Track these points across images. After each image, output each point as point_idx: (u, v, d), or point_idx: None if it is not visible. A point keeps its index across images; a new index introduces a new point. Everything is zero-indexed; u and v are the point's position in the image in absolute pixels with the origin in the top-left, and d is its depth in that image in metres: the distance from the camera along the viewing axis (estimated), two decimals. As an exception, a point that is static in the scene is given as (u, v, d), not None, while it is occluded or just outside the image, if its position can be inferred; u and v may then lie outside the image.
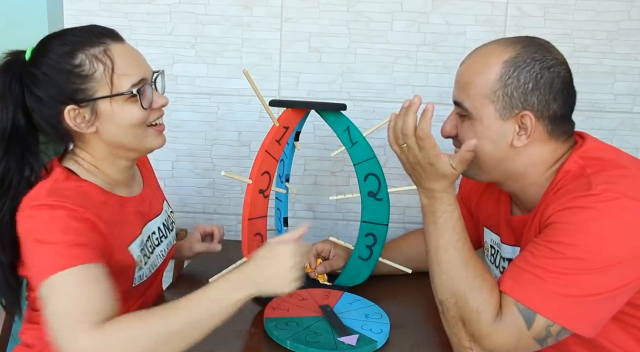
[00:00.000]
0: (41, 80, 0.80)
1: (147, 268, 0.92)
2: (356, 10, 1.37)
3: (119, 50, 0.82)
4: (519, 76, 0.80)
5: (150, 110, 0.85)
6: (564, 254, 0.71)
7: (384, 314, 0.92)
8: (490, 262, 1.05)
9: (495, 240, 1.01)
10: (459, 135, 0.87)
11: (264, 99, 0.91)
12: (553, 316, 0.71)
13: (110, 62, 0.80)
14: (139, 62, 0.85)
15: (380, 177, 1.02)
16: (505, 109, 0.81)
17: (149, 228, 0.95)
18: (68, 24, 1.39)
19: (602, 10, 1.34)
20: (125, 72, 0.81)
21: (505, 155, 0.84)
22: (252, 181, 0.91)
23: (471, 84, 0.83)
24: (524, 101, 0.80)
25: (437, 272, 0.81)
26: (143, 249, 0.91)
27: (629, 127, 1.39)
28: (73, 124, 0.81)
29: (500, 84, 0.81)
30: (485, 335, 0.74)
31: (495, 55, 0.82)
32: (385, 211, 1.03)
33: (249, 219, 0.91)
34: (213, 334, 0.85)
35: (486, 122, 0.82)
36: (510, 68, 0.80)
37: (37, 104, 0.80)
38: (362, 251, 1.06)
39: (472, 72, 0.84)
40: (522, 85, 0.80)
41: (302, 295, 0.98)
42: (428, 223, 0.84)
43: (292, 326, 0.85)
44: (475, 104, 0.83)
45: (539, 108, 0.80)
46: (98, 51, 0.80)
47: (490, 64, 0.82)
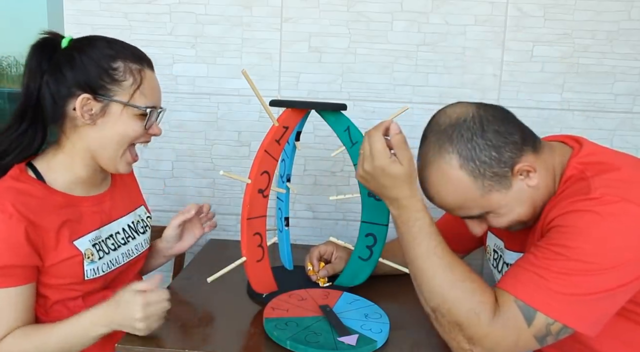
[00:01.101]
0: (76, 65, 0.88)
1: (102, 263, 0.96)
2: (356, 10, 1.37)
3: (150, 76, 0.95)
4: (480, 159, 0.79)
5: (144, 134, 0.95)
6: (567, 256, 0.72)
7: (384, 313, 0.92)
8: (492, 266, 1.05)
9: (499, 245, 1.01)
10: (492, 225, 0.87)
11: (263, 99, 0.91)
12: (553, 314, 0.71)
13: (140, 80, 0.92)
14: (158, 92, 0.98)
15: None
16: (501, 182, 0.81)
17: (110, 227, 1.02)
18: (68, 24, 1.39)
19: (602, 10, 1.34)
20: (146, 94, 0.93)
21: (534, 199, 0.83)
22: (251, 180, 0.91)
23: (460, 201, 0.83)
24: (504, 164, 0.80)
25: (424, 281, 0.80)
26: (98, 244, 0.97)
27: (629, 127, 1.39)
28: (79, 111, 0.88)
29: (479, 179, 0.80)
30: (485, 335, 0.74)
31: (447, 169, 0.81)
32: (385, 211, 1.03)
33: (247, 218, 0.91)
34: (213, 334, 0.85)
35: (502, 202, 0.82)
36: (469, 163, 0.80)
37: (57, 81, 0.88)
38: (362, 251, 1.06)
39: (448, 194, 0.83)
40: (490, 161, 0.79)
41: (302, 295, 0.98)
42: (403, 233, 0.83)
43: (292, 326, 0.85)
44: (482, 205, 0.83)
45: (515, 153, 0.80)
46: (135, 67, 0.92)
47: (451, 178, 0.81)
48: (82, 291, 0.94)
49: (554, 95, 1.39)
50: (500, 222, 0.85)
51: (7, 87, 2.22)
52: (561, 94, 1.39)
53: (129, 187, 1.13)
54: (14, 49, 1.05)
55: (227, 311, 0.95)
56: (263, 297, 0.99)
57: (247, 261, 0.93)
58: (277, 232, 1.16)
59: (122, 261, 1.02)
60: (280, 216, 1.12)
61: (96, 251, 0.96)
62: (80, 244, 0.93)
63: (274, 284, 1.00)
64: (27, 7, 1.40)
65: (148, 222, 1.13)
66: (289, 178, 1.11)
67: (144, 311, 0.81)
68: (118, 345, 0.80)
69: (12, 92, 2.34)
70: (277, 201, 1.14)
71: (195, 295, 1.03)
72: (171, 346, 0.80)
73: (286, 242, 1.14)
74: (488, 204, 0.82)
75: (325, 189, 1.47)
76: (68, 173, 0.94)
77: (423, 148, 0.86)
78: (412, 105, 1.40)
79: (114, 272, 1.00)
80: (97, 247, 0.97)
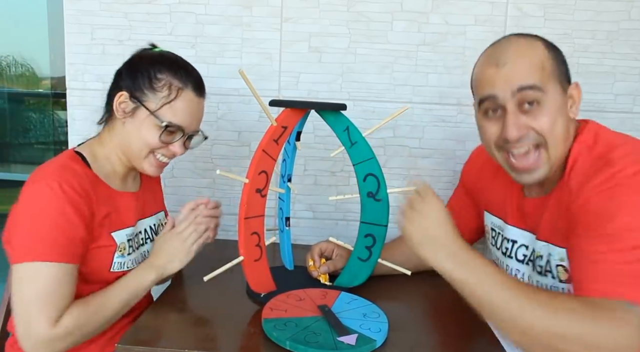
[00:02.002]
0: (133, 67, 0.97)
1: (129, 259, 0.99)
2: (356, 10, 1.37)
3: (189, 98, 0.97)
4: (556, 53, 0.86)
5: (163, 147, 0.98)
6: (624, 236, 0.72)
7: (382, 313, 0.92)
8: (491, 245, 1.06)
9: (497, 223, 1.03)
10: (535, 127, 0.84)
11: (260, 99, 0.91)
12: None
13: (174, 96, 0.95)
14: (191, 116, 0.98)
15: (380, 177, 1.02)
16: (563, 81, 0.85)
17: (142, 223, 1.06)
18: (68, 24, 1.39)
19: (602, 10, 1.34)
20: (175, 112, 0.95)
21: (570, 131, 0.86)
22: (248, 180, 0.91)
23: (531, 64, 0.83)
24: (567, 73, 0.86)
25: (524, 328, 0.71)
26: (131, 239, 1.01)
27: (629, 127, 1.39)
28: (115, 105, 0.96)
29: (552, 59, 0.84)
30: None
31: (533, 42, 0.86)
32: (385, 212, 1.03)
33: (245, 218, 0.91)
34: (212, 334, 0.85)
35: (553, 96, 0.84)
36: (549, 47, 0.86)
37: (116, 78, 0.99)
38: (361, 251, 1.06)
39: (522, 55, 0.84)
40: (561, 59, 0.86)
41: (300, 295, 0.98)
42: (473, 292, 0.77)
43: (291, 327, 0.85)
44: (544, 80, 0.83)
45: (569, 82, 0.86)
46: (176, 84, 0.95)
47: (534, 46, 0.85)
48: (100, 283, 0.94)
49: (554, 95, 1.39)
50: (543, 123, 0.83)
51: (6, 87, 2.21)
52: (561, 94, 1.39)
53: (154, 191, 1.17)
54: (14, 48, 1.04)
55: (227, 310, 0.95)
56: (261, 296, 0.99)
57: (245, 260, 0.93)
58: (279, 232, 1.16)
59: (140, 260, 1.03)
60: (282, 215, 1.12)
61: (129, 246, 0.99)
62: (117, 236, 0.96)
63: (272, 284, 1.00)
64: (27, 7, 1.40)
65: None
66: (290, 178, 1.11)
67: (183, 235, 0.97)
68: (118, 345, 0.80)
69: (12, 92, 2.34)
70: (278, 201, 1.14)
71: (194, 295, 1.03)
72: (171, 346, 0.80)
73: (287, 242, 1.14)
74: (546, 83, 0.83)
75: (325, 189, 1.47)
76: (107, 165, 0.99)
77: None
78: (412, 105, 1.40)
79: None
80: (130, 242, 1.00)
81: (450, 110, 1.41)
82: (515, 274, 0.98)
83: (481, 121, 0.91)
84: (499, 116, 0.86)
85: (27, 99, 2.86)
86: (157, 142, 0.96)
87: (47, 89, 2.66)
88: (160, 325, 0.87)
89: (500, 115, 0.86)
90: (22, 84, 2.67)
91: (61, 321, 0.82)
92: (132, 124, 0.96)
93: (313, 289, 1.02)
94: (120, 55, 1.03)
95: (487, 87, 0.86)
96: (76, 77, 1.42)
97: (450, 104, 1.41)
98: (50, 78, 2.61)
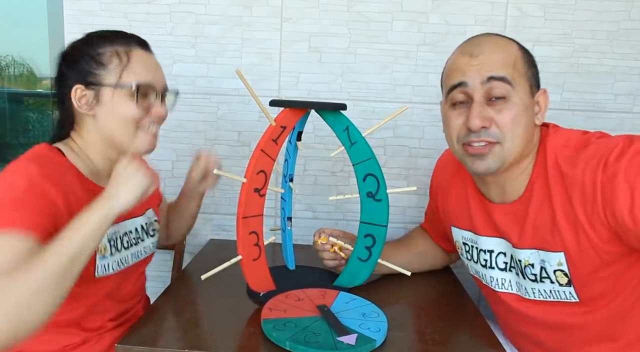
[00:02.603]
0: (70, 60, 0.91)
1: (113, 260, 0.95)
2: (356, 10, 1.37)
3: (141, 54, 0.92)
4: (529, 57, 0.88)
5: (146, 115, 0.92)
6: None
7: (381, 312, 0.92)
8: (467, 260, 1.05)
9: (467, 236, 1.02)
10: (497, 120, 0.84)
11: (259, 99, 0.91)
12: None
13: (126, 60, 0.90)
14: (153, 71, 0.93)
15: (379, 177, 1.01)
16: (532, 85, 0.87)
17: (125, 225, 1.00)
18: (68, 24, 1.39)
19: (602, 10, 1.34)
20: (135, 72, 0.90)
21: (532, 135, 0.88)
22: (246, 179, 0.91)
23: (504, 58, 0.85)
24: (537, 79, 0.87)
25: None
26: (113, 240, 0.95)
27: (629, 127, 1.39)
28: (76, 103, 0.89)
29: (524, 61, 0.86)
30: None
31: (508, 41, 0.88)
32: (384, 212, 1.03)
33: (243, 217, 0.91)
34: (212, 334, 0.85)
35: (521, 96, 0.85)
36: (523, 50, 0.88)
37: (60, 82, 0.92)
38: (361, 251, 1.06)
39: (497, 49, 0.86)
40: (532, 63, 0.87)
41: (299, 295, 0.98)
42: None
43: (290, 327, 0.84)
44: (514, 76, 0.84)
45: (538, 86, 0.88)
46: (121, 49, 0.90)
47: (509, 44, 0.87)
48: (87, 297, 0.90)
49: (554, 95, 1.39)
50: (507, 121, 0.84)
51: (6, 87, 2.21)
52: (561, 94, 1.39)
53: None
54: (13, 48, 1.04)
55: (227, 310, 0.95)
56: (260, 296, 0.99)
57: (243, 260, 0.93)
58: (281, 231, 1.16)
59: (131, 262, 1.00)
60: (283, 215, 1.12)
61: (110, 246, 0.94)
62: None
63: (271, 283, 1.00)
64: (27, 7, 1.40)
65: (156, 227, 1.12)
66: (291, 178, 1.10)
67: (129, 167, 0.80)
68: (118, 345, 0.80)
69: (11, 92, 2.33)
70: (280, 201, 1.14)
71: (194, 295, 1.03)
72: (171, 346, 0.80)
73: (289, 242, 1.14)
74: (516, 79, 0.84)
75: (325, 189, 1.47)
76: (87, 161, 0.93)
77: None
78: (412, 105, 1.40)
79: (123, 271, 0.98)
80: (112, 242, 0.95)
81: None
82: (502, 284, 0.97)
83: (447, 112, 0.91)
84: (465, 108, 0.87)
85: (26, 99, 2.86)
86: (137, 111, 0.90)
87: (46, 89, 2.66)
88: (160, 325, 0.87)
89: (467, 108, 0.87)
90: (21, 84, 2.67)
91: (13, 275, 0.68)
92: (103, 109, 0.89)
93: (312, 289, 1.02)
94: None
95: (458, 75, 0.87)
96: (76, 77, 1.42)
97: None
98: (50, 78, 2.61)
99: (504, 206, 0.92)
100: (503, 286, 0.97)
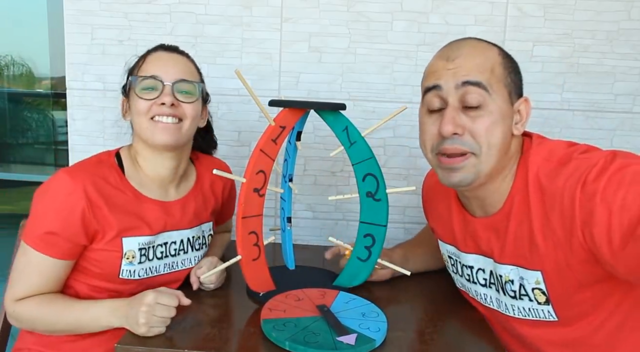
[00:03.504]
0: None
1: (141, 268, 0.96)
2: (356, 10, 1.37)
3: (157, 55, 0.98)
4: (511, 63, 0.84)
5: (153, 104, 0.94)
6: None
7: (381, 312, 0.92)
8: (453, 273, 1.04)
9: (451, 250, 1.01)
10: (472, 129, 0.81)
11: (258, 99, 0.91)
12: None
13: (142, 62, 0.97)
14: (164, 65, 0.96)
15: (379, 177, 1.01)
16: (512, 92, 0.83)
17: (170, 235, 1.01)
18: (68, 24, 1.39)
19: (602, 10, 1.34)
20: (146, 69, 0.96)
21: (508, 147, 0.83)
22: (245, 179, 0.91)
23: (481, 63, 0.81)
24: (519, 86, 0.84)
25: None
26: (145, 249, 0.96)
27: (629, 127, 1.39)
28: (121, 111, 1.00)
29: (503, 67, 0.82)
30: None
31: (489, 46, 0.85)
32: (384, 212, 1.02)
33: (242, 217, 0.91)
34: (212, 334, 0.85)
35: (498, 103, 0.81)
36: (504, 55, 0.84)
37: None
38: (361, 251, 1.05)
39: (474, 54, 0.82)
40: (515, 68, 0.84)
41: (298, 295, 0.98)
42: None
43: (290, 327, 0.84)
44: (491, 82, 0.81)
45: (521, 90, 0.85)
46: (145, 55, 0.98)
47: (488, 49, 0.84)
48: (111, 291, 0.95)
49: (554, 95, 1.39)
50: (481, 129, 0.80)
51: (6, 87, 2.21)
52: (561, 94, 1.39)
53: (210, 199, 1.12)
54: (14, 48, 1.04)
55: (227, 310, 0.95)
56: (260, 296, 0.99)
57: (243, 260, 0.93)
58: (281, 231, 1.16)
59: (162, 271, 1.01)
60: (283, 215, 1.12)
61: (140, 254, 0.96)
62: (127, 243, 0.94)
63: (271, 283, 1.00)
64: (27, 7, 1.40)
65: (207, 241, 1.12)
66: (291, 178, 1.10)
67: (146, 316, 0.81)
68: (118, 345, 0.80)
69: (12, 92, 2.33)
70: (280, 201, 1.14)
71: (194, 294, 1.03)
72: (171, 346, 0.80)
73: (288, 242, 1.14)
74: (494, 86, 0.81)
75: (325, 189, 1.47)
76: (137, 167, 0.99)
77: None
78: (412, 105, 1.40)
79: (152, 280, 0.99)
80: (143, 251, 0.96)
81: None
82: (484, 299, 0.95)
83: (423, 118, 0.88)
84: (440, 116, 0.83)
85: (27, 99, 2.86)
86: (144, 104, 0.94)
87: (47, 89, 2.67)
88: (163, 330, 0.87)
89: (442, 115, 0.83)
90: (21, 83, 2.67)
91: (20, 304, 0.89)
92: (132, 112, 0.98)
93: (312, 289, 1.02)
94: (121, 55, 1.04)
95: (433, 78, 0.84)
96: (76, 77, 1.42)
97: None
98: (50, 78, 2.61)
99: (485, 219, 0.89)
100: (486, 301, 0.95)
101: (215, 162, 1.19)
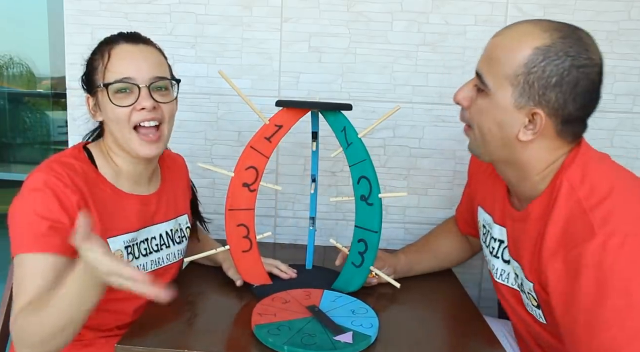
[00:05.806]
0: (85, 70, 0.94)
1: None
2: (356, 10, 1.37)
3: (122, 49, 0.89)
4: (546, 67, 0.76)
5: (132, 110, 0.89)
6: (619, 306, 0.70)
7: (369, 308, 0.91)
8: (482, 242, 1.06)
9: (487, 220, 1.02)
10: (470, 108, 0.86)
11: (247, 98, 0.93)
12: None
13: (107, 58, 0.88)
14: (135, 64, 0.89)
15: (372, 180, 0.98)
16: (522, 96, 0.79)
17: (149, 231, 0.99)
18: (68, 24, 1.39)
19: (602, 10, 1.34)
20: (114, 69, 0.88)
21: (508, 144, 0.83)
22: (233, 173, 0.95)
23: (497, 61, 0.81)
24: (542, 94, 0.77)
25: None
26: (130, 246, 0.94)
27: (629, 127, 1.39)
28: (90, 112, 0.94)
29: (525, 70, 0.78)
30: None
31: (529, 38, 0.78)
32: (376, 217, 0.98)
33: (229, 209, 0.95)
34: (212, 334, 0.85)
35: (501, 104, 0.81)
36: (540, 56, 0.77)
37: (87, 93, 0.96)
38: (355, 257, 1.03)
39: (501, 48, 0.81)
40: (546, 78, 0.77)
41: (284, 297, 0.96)
42: None
43: (285, 331, 0.83)
44: (496, 82, 0.81)
45: (554, 105, 0.78)
46: (105, 48, 0.89)
47: (521, 46, 0.78)
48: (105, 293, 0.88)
49: (554, 95, 1.39)
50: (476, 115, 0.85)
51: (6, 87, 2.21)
52: (561, 94, 1.39)
53: (178, 193, 1.10)
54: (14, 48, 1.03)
55: (227, 311, 0.95)
56: (254, 288, 1.01)
57: (232, 250, 0.96)
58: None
59: (149, 268, 0.99)
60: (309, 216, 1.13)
61: (127, 253, 0.93)
62: (112, 242, 0.90)
63: (266, 277, 1.02)
64: (27, 7, 1.40)
65: (186, 233, 1.10)
66: (314, 178, 1.10)
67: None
68: (118, 345, 0.80)
69: (12, 92, 2.33)
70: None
71: (194, 295, 1.03)
72: (170, 346, 0.80)
73: (310, 241, 1.13)
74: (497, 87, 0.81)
75: (325, 189, 1.47)
76: (112, 164, 0.95)
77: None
78: (412, 105, 1.40)
79: None
80: (129, 249, 0.94)
81: (450, 110, 1.40)
82: (500, 275, 0.97)
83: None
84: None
85: (27, 99, 2.86)
86: (121, 112, 0.88)
87: (46, 89, 2.67)
88: (160, 325, 0.87)
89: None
90: (20, 83, 2.67)
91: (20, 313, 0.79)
92: (103, 113, 0.91)
93: (296, 290, 1.00)
94: (120, 55, 1.03)
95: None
96: (76, 77, 1.41)
97: (450, 104, 1.39)
98: (50, 78, 2.61)
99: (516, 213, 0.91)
100: (501, 277, 0.97)
101: (171, 155, 1.17)
